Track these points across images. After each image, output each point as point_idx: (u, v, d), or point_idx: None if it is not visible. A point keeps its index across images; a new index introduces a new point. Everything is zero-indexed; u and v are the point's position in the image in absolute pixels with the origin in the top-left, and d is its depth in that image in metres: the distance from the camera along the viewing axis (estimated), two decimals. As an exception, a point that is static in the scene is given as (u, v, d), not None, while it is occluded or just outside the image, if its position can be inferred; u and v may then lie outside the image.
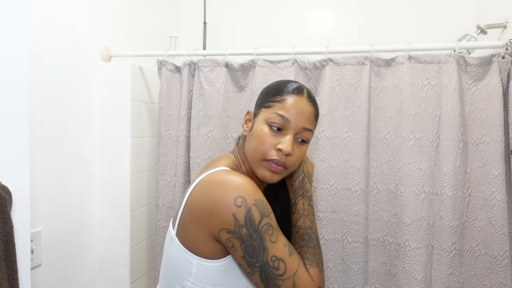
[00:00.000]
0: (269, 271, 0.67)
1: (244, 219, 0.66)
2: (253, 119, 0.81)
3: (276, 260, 0.67)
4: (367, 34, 1.79)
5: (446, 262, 1.19)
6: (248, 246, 0.67)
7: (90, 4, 1.37)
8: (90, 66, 1.39)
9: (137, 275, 1.53)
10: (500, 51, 1.20)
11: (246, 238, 0.66)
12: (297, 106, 0.76)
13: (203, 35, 1.96)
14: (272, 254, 0.67)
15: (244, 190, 0.68)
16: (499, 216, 1.19)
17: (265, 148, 0.75)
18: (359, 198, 1.30)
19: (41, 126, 1.18)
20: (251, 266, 0.68)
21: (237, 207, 0.66)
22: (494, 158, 1.19)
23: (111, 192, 1.46)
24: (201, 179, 0.73)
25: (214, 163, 0.81)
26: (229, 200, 0.66)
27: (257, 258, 0.67)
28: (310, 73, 1.38)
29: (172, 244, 0.75)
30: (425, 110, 1.25)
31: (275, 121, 0.75)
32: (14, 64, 0.81)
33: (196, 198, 0.71)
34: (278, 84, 0.82)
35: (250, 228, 0.66)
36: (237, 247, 0.67)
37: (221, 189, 0.68)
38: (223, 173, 0.73)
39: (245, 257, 0.67)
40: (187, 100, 1.47)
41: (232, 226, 0.66)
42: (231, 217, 0.66)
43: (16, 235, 0.80)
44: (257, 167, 0.77)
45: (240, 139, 0.89)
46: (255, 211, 0.67)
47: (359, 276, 1.31)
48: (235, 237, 0.67)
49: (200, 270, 0.70)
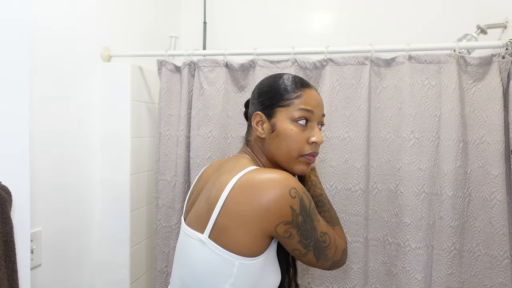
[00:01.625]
0: (320, 246, 0.75)
1: (300, 208, 0.71)
2: (270, 120, 0.81)
3: (323, 234, 0.75)
4: (367, 34, 1.79)
5: (446, 262, 1.19)
6: (304, 230, 0.72)
7: (90, 4, 1.37)
8: (90, 66, 1.39)
9: (137, 275, 1.53)
10: (500, 51, 1.20)
11: (302, 224, 0.71)
12: (314, 98, 0.82)
13: (203, 35, 1.96)
14: (320, 230, 0.75)
15: (293, 181, 0.72)
16: (499, 216, 1.19)
17: (300, 145, 0.79)
18: (359, 198, 1.30)
19: (41, 126, 1.18)
20: (307, 247, 0.73)
21: (293, 199, 0.70)
22: (494, 158, 1.19)
23: (111, 192, 1.45)
24: (237, 181, 0.72)
25: (235, 165, 0.79)
26: (284, 193, 0.69)
27: (311, 238, 0.73)
28: (310, 73, 1.38)
29: (202, 248, 0.74)
30: (425, 110, 1.25)
31: (302, 115, 0.79)
32: (14, 64, 0.81)
33: (241, 200, 0.70)
34: (283, 81, 0.83)
35: (305, 214, 0.72)
36: (294, 235, 0.71)
37: (272, 185, 0.70)
38: (262, 171, 0.74)
39: (301, 241, 0.73)
40: (187, 100, 1.47)
41: (290, 217, 0.70)
42: (288, 209, 0.70)
43: (16, 235, 0.79)
44: (294, 164, 0.81)
45: (250, 141, 0.88)
46: (305, 198, 0.72)
47: (359, 276, 1.31)
48: (292, 226, 0.71)
49: (241, 269, 0.71)
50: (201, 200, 0.80)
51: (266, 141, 0.83)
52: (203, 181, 0.90)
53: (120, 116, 1.44)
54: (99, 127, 1.44)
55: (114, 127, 1.44)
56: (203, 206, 0.76)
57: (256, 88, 0.88)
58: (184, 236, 0.80)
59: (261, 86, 0.86)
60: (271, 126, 0.81)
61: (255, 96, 0.87)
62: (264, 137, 0.83)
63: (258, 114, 0.83)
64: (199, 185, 0.91)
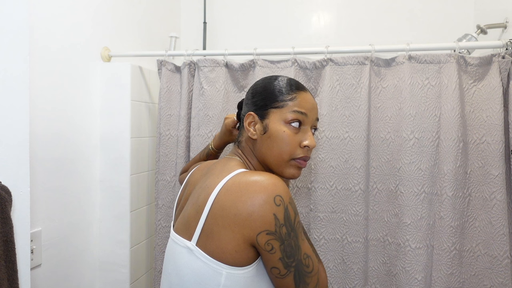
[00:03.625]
0: (302, 269, 0.68)
1: (284, 218, 0.65)
2: (263, 121, 0.79)
3: (307, 257, 0.69)
4: (367, 34, 1.79)
5: (446, 262, 1.19)
6: (287, 246, 0.66)
7: (90, 4, 1.37)
8: (90, 66, 1.39)
9: (137, 275, 1.53)
10: (500, 51, 1.20)
11: (286, 238, 0.66)
12: (309, 101, 0.80)
13: (203, 35, 1.96)
14: (303, 252, 0.68)
15: (280, 188, 0.67)
16: (499, 216, 1.19)
17: (291, 148, 0.77)
18: (359, 198, 1.30)
19: (41, 126, 1.18)
20: (287, 267, 0.66)
21: (277, 206, 0.65)
22: (494, 158, 1.19)
23: (111, 192, 1.45)
24: (224, 184, 0.69)
25: (223, 168, 0.76)
26: (269, 199, 0.64)
27: (293, 258, 0.67)
28: (310, 73, 1.38)
29: (190, 256, 0.70)
30: (425, 110, 1.25)
31: (295, 117, 0.77)
32: (14, 65, 0.81)
33: (226, 204, 0.67)
34: (278, 82, 0.81)
35: (289, 227, 0.66)
36: (276, 249, 0.65)
37: (257, 189, 0.65)
38: (250, 173, 0.70)
39: (283, 259, 0.66)
40: (187, 100, 1.47)
41: (273, 227, 0.64)
42: (272, 217, 0.64)
43: (16, 235, 0.79)
44: (284, 168, 0.78)
45: (241, 142, 0.85)
46: (291, 209, 0.67)
47: (359, 276, 1.31)
48: (275, 238, 0.65)
49: (230, 279, 0.67)
50: (188, 205, 0.77)
51: (258, 142, 0.80)
52: (190, 185, 0.86)
53: (120, 116, 1.44)
54: (99, 127, 1.44)
55: (114, 127, 1.44)
56: (191, 212, 0.73)
57: (250, 88, 0.86)
58: (172, 243, 0.77)
59: (255, 87, 0.84)
60: (264, 127, 0.79)
61: (248, 97, 0.85)
62: (255, 138, 0.80)
63: (250, 115, 0.81)
64: (187, 190, 0.87)
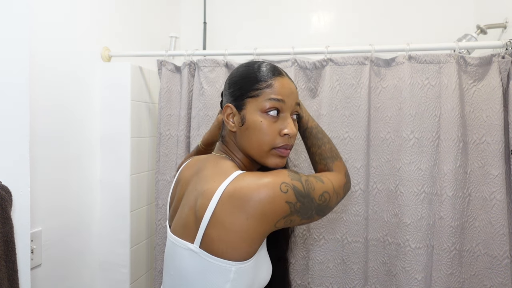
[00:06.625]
0: (321, 207, 0.74)
1: (295, 197, 0.68)
2: (240, 112, 0.77)
3: (321, 196, 0.74)
4: (367, 34, 1.79)
5: (446, 262, 1.19)
6: (303, 209, 0.70)
7: (90, 4, 1.37)
8: (90, 66, 1.39)
9: (137, 275, 1.53)
10: (500, 51, 1.20)
11: (301, 207, 0.70)
12: (287, 86, 0.77)
13: (203, 35, 1.96)
14: (317, 196, 0.73)
15: (280, 175, 0.69)
16: (499, 216, 1.19)
17: (270, 137, 0.75)
18: (359, 198, 1.30)
19: (41, 126, 1.18)
20: (310, 217, 0.72)
21: (286, 193, 0.67)
22: (494, 158, 1.20)
23: (111, 192, 1.46)
24: (224, 191, 0.68)
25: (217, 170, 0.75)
26: (276, 193, 0.67)
27: (311, 210, 0.72)
28: (310, 73, 1.38)
29: (194, 258, 0.70)
30: (425, 110, 1.25)
31: (272, 106, 0.74)
32: (14, 65, 0.81)
33: (233, 210, 0.66)
34: (253, 70, 0.78)
35: (301, 198, 0.69)
36: (295, 219, 0.70)
37: (261, 189, 0.66)
38: (248, 177, 0.70)
39: (303, 218, 0.71)
40: (187, 100, 1.47)
41: (288, 210, 0.68)
42: (285, 205, 0.67)
43: (16, 235, 0.80)
44: (266, 158, 0.76)
45: (224, 137, 0.82)
46: (297, 184, 0.70)
47: (359, 276, 1.31)
48: (291, 214, 0.69)
49: (238, 273, 0.69)
50: (184, 207, 0.75)
51: (238, 135, 0.78)
52: (182, 184, 0.84)
53: (120, 116, 1.44)
54: (99, 127, 1.44)
55: (114, 127, 1.44)
56: (189, 215, 0.72)
57: (227, 79, 0.82)
58: (172, 245, 0.76)
59: (231, 77, 0.81)
60: (241, 118, 0.76)
61: (226, 87, 0.82)
62: (235, 131, 0.78)
63: (228, 107, 0.78)
64: (178, 188, 0.85)
